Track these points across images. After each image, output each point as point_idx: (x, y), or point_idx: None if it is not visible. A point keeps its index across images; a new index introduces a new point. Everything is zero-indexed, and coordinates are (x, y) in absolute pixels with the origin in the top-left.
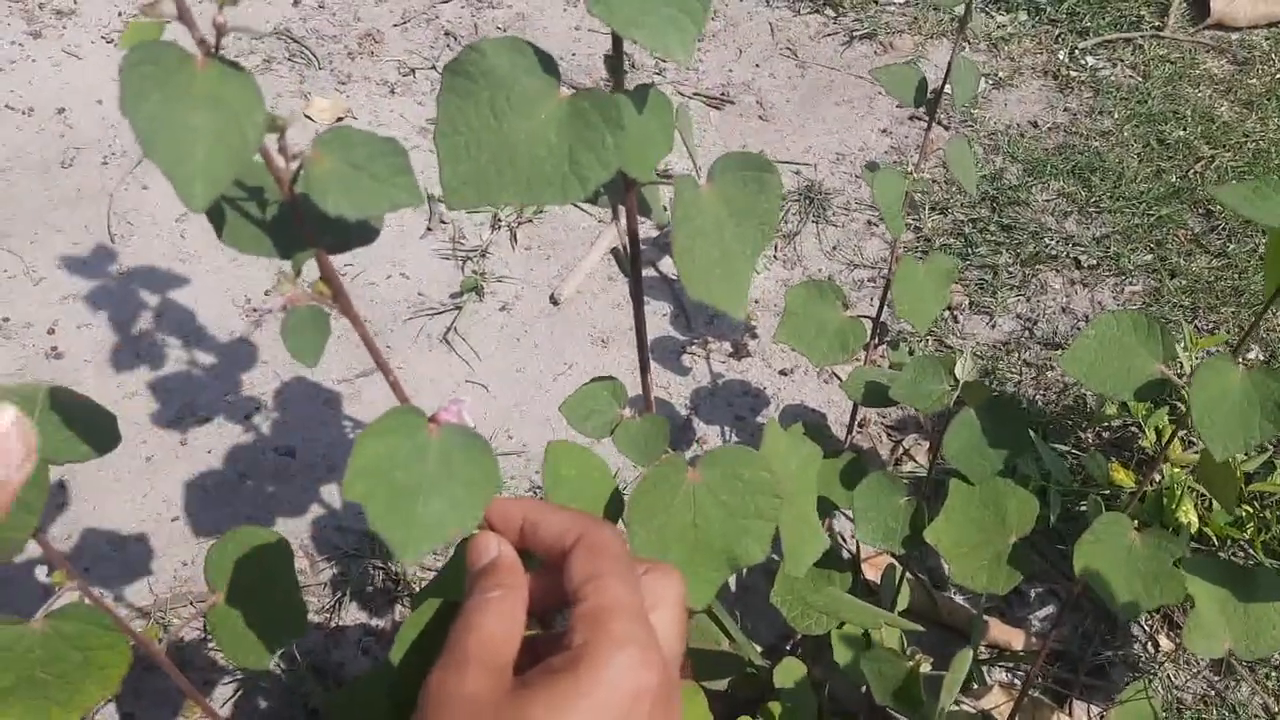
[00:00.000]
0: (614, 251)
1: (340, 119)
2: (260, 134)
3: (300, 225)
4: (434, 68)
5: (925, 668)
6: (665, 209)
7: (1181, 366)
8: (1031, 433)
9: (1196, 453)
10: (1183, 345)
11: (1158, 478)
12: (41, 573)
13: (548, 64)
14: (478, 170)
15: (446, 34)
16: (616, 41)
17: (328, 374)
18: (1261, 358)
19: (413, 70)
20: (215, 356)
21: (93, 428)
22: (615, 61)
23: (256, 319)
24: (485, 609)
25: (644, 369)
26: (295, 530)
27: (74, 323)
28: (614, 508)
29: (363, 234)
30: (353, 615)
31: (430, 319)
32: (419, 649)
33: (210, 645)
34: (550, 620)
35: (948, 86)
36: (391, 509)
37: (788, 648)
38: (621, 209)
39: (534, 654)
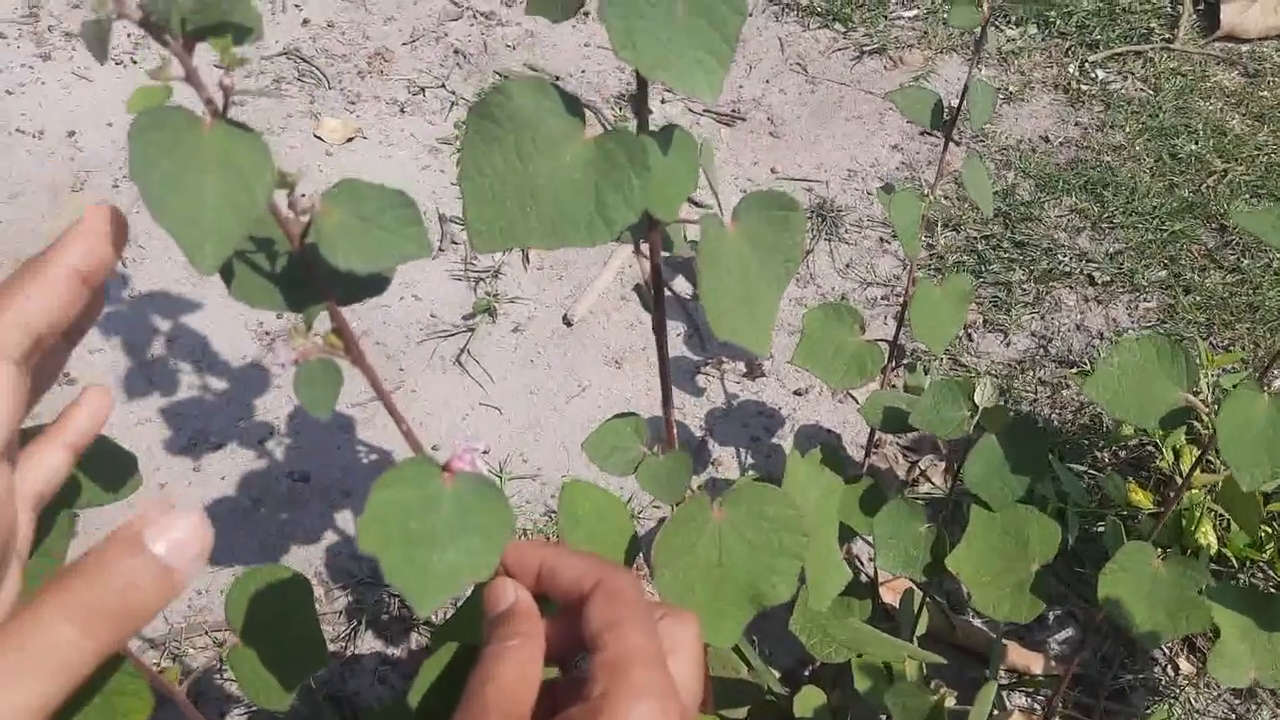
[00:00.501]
0: (637, 288)
1: (350, 139)
2: (269, 193)
3: (310, 277)
4: (444, 86)
5: (950, 702)
6: (686, 239)
7: (1198, 384)
8: (1049, 454)
9: (1216, 474)
10: (1198, 363)
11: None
12: None
13: (572, 105)
14: (503, 213)
15: (456, 52)
16: (641, 83)
17: (342, 398)
18: None
19: (422, 89)
20: (228, 381)
21: (112, 470)
22: (640, 102)
23: (269, 343)
24: (503, 658)
25: (667, 403)
26: (310, 557)
27: (86, 347)
28: (631, 547)
29: (373, 285)
30: (368, 644)
31: (443, 341)
32: (437, 692)
33: (224, 676)
34: (568, 664)
35: (962, 106)
36: (406, 560)
37: (806, 673)
38: (642, 242)
39: (552, 698)
